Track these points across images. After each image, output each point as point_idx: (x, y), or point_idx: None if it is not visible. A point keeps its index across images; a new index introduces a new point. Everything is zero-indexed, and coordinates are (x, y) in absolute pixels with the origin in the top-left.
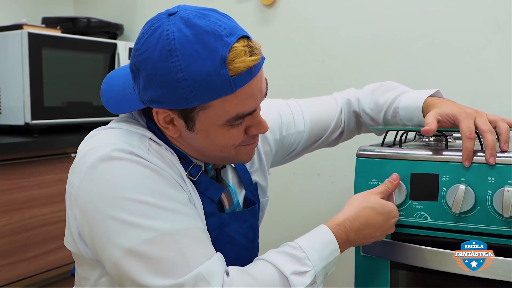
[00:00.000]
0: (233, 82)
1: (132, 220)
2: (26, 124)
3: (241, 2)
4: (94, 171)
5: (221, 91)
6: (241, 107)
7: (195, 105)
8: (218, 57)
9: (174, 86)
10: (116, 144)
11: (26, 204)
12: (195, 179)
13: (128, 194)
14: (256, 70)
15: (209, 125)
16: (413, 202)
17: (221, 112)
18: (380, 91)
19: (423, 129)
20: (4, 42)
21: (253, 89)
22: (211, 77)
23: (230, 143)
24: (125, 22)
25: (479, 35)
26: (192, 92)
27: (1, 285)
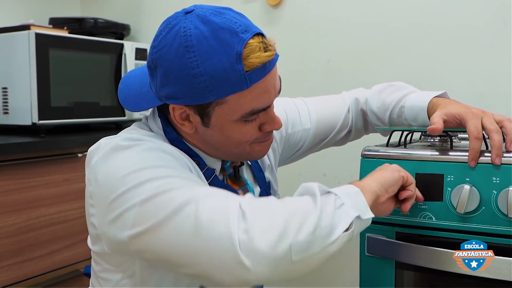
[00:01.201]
0: (248, 77)
1: (139, 180)
2: (33, 124)
3: (247, 2)
4: (106, 161)
5: (237, 86)
6: (256, 102)
7: (211, 100)
8: (234, 53)
9: (191, 81)
10: (125, 136)
11: (33, 203)
12: (208, 181)
13: (135, 166)
14: (271, 66)
15: (224, 120)
16: (417, 202)
17: (237, 107)
18: (388, 90)
19: (429, 127)
20: (11, 42)
21: (268, 85)
22: (227, 72)
23: (244, 140)
24: (132, 23)
25: (486, 35)
26: (208, 87)
27: (8, 284)
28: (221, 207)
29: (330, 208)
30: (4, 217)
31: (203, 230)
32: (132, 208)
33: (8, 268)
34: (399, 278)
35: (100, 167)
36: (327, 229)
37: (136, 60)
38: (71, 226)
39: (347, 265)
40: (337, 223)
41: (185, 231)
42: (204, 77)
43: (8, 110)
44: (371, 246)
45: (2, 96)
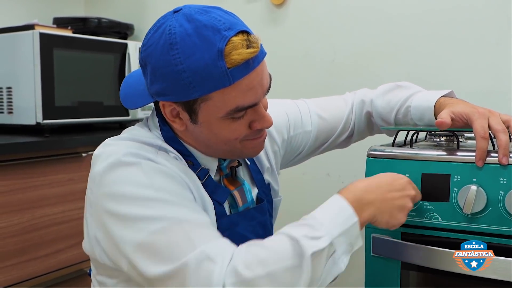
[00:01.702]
0: (230, 74)
1: (138, 213)
2: (38, 123)
3: (251, 1)
4: (105, 176)
5: (219, 82)
6: (241, 99)
7: (195, 96)
8: (216, 50)
9: (175, 78)
10: (127, 150)
11: (37, 203)
12: (202, 181)
13: (133, 190)
14: (255, 64)
15: (211, 117)
16: (424, 203)
17: (221, 104)
18: (393, 91)
19: (437, 121)
20: (15, 42)
21: (253, 82)
22: (209, 68)
23: (233, 137)
24: (136, 22)
25: (491, 34)
26: (192, 83)
27: (13, 283)
28: (206, 283)
29: (319, 269)
30: (8, 216)
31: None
32: (129, 245)
33: (12, 267)
34: (405, 279)
35: (101, 181)
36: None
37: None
38: (76, 225)
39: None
40: (325, 279)
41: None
42: (187, 73)
43: (12, 110)
44: (376, 246)
45: (6, 95)
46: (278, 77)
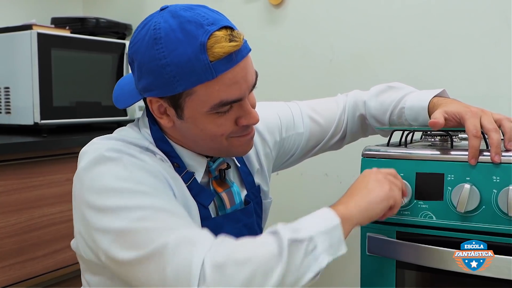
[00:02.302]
0: (213, 67)
1: (117, 204)
2: (35, 124)
3: (249, 2)
4: (87, 171)
5: (202, 76)
6: (225, 94)
7: (179, 90)
8: (198, 43)
9: (160, 72)
10: (111, 146)
11: (35, 203)
12: (187, 184)
13: (112, 182)
14: (238, 58)
15: (196, 112)
16: (418, 202)
17: (206, 98)
18: (386, 92)
19: (430, 121)
20: (13, 42)
21: (236, 77)
22: (192, 62)
23: (219, 133)
24: (134, 22)
25: (488, 36)
26: (176, 77)
27: (11, 283)
28: (186, 264)
29: (298, 259)
30: (6, 216)
31: (168, 285)
32: (108, 234)
33: (10, 267)
34: (400, 278)
35: (83, 176)
36: (292, 281)
37: None
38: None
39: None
40: (304, 273)
41: (152, 279)
42: (170, 67)
43: (10, 110)
44: (371, 245)
45: (4, 96)
46: (276, 77)
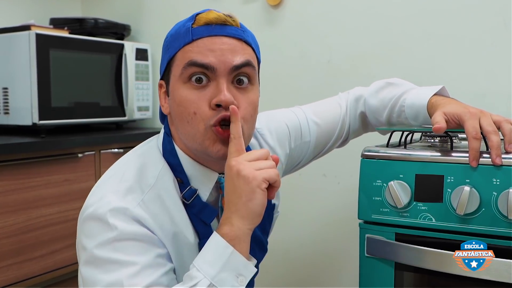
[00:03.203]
0: (192, 31)
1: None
2: (34, 124)
3: (247, 2)
4: (87, 222)
5: (183, 39)
6: (196, 56)
7: (168, 57)
8: (192, 16)
9: (163, 47)
10: (116, 204)
11: (33, 203)
12: (188, 202)
13: (100, 252)
14: (219, 31)
15: (174, 80)
16: (417, 204)
17: (180, 62)
18: (385, 88)
19: (434, 127)
20: (12, 43)
21: (214, 45)
22: (180, 29)
23: (192, 109)
24: (132, 23)
25: (486, 35)
26: (168, 45)
27: (9, 284)
28: None
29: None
30: (4, 217)
31: None
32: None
33: (8, 268)
34: (399, 279)
35: (83, 224)
36: None
37: (137, 61)
38: (71, 226)
39: (347, 266)
40: None
41: None
42: (168, 38)
43: (8, 111)
44: (370, 247)
45: (2, 96)
46: (274, 78)
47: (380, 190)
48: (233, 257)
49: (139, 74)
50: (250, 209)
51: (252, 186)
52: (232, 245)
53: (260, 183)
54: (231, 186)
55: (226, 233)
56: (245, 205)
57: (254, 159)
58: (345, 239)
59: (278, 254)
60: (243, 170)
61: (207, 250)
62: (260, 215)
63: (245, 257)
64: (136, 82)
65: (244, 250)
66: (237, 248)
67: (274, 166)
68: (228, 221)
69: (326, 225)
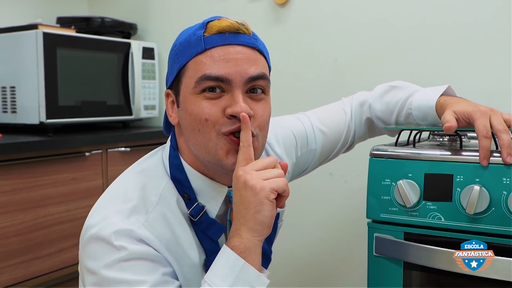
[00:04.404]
0: (204, 40)
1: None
2: (41, 123)
3: (254, 1)
4: (90, 243)
5: (194, 48)
6: (210, 68)
7: (178, 67)
8: (202, 23)
9: (170, 56)
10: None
11: (41, 202)
12: (195, 219)
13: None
14: (232, 39)
15: (186, 92)
16: (426, 203)
17: (194, 73)
18: (390, 92)
19: (445, 126)
20: (19, 42)
21: (227, 55)
22: (190, 37)
23: (203, 116)
24: (139, 22)
25: (493, 33)
26: (177, 54)
27: (17, 282)
28: None
29: None
30: (12, 215)
31: None
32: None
33: (16, 266)
34: (407, 279)
35: (86, 245)
36: None
37: (143, 59)
38: (79, 224)
39: (355, 265)
40: None
41: None
42: (177, 46)
43: (16, 109)
44: (379, 246)
45: (10, 95)
46: (280, 76)
47: (389, 189)
48: (245, 270)
49: (146, 73)
50: (259, 221)
51: (260, 197)
52: (243, 258)
53: (268, 194)
54: (238, 197)
55: (236, 246)
56: (254, 217)
57: (261, 168)
58: (352, 238)
59: (284, 253)
60: (250, 180)
61: (218, 264)
62: (270, 226)
63: (257, 269)
64: (142, 81)
65: (255, 262)
66: (248, 260)
67: (282, 174)
68: (237, 233)
69: (333, 224)
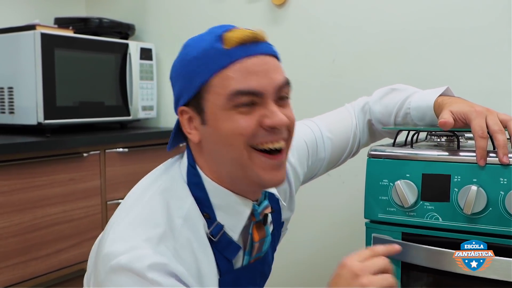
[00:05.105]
0: (227, 53)
1: None
2: (39, 123)
3: (252, 1)
4: (114, 275)
5: (217, 63)
6: (240, 83)
7: (198, 84)
8: (214, 35)
9: (184, 72)
10: (150, 259)
11: (38, 203)
12: (215, 239)
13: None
14: (255, 49)
15: (215, 108)
16: (424, 203)
17: (222, 90)
18: (389, 94)
19: (440, 121)
20: (17, 42)
21: (255, 67)
22: (207, 51)
23: (237, 131)
24: (137, 23)
25: (492, 33)
26: (195, 70)
27: (14, 283)
28: None
29: None
30: (9, 216)
31: None
32: None
33: (14, 267)
34: (405, 279)
35: (112, 273)
36: None
37: (141, 60)
38: (77, 225)
39: None
40: None
41: None
42: (192, 61)
43: (13, 110)
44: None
45: (7, 95)
46: None
47: (387, 189)
48: None
49: (144, 73)
50: None
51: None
52: None
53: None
54: None
55: None
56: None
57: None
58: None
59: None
60: None
61: None
62: None
63: None
64: (140, 81)
65: None
66: None
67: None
68: None
69: (331, 225)
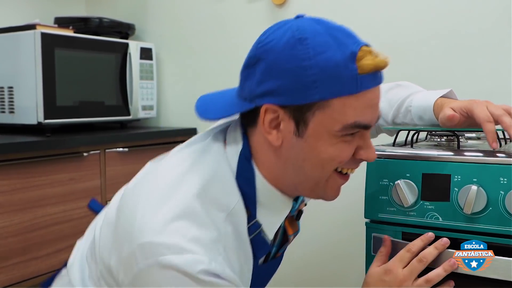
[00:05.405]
0: (359, 80)
1: None
2: (39, 123)
3: (252, 1)
4: (160, 271)
5: (345, 87)
6: (360, 115)
7: (315, 99)
8: (349, 51)
9: (298, 74)
10: (204, 265)
11: (38, 202)
12: (251, 237)
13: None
14: (380, 79)
15: (323, 130)
16: (424, 203)
17: (340, 117)
18: (393, 89)
19: (448, 115)
20: (17, 42)
21: (374, 99)
22: (339, 68)
23: (337, 159)
24: (137, 22)
25: (492, 35)
26: (316, 82)
27: (14, 282)
28: None
29: None
30: (9, 216)
31: None
32: None
33: (14, 266)
34: None
35: (157, 265)
36: None
37: (141, 60)
38: (77, 225)
39: (353, 264)
40: None
41: None
42: (314, 70)
43: (13, 110)
44: (377, 246)
45: (8, 95)
46: None
47: (387, 189)
48: None
49: (144, 73)
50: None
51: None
52: None
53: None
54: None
55: None
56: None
57: None
58: (350, 238)
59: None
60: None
61: None
62: None
63: None
64: (140, 81)
65: None
66: None
67: None
68: None
69: (331, 224)
